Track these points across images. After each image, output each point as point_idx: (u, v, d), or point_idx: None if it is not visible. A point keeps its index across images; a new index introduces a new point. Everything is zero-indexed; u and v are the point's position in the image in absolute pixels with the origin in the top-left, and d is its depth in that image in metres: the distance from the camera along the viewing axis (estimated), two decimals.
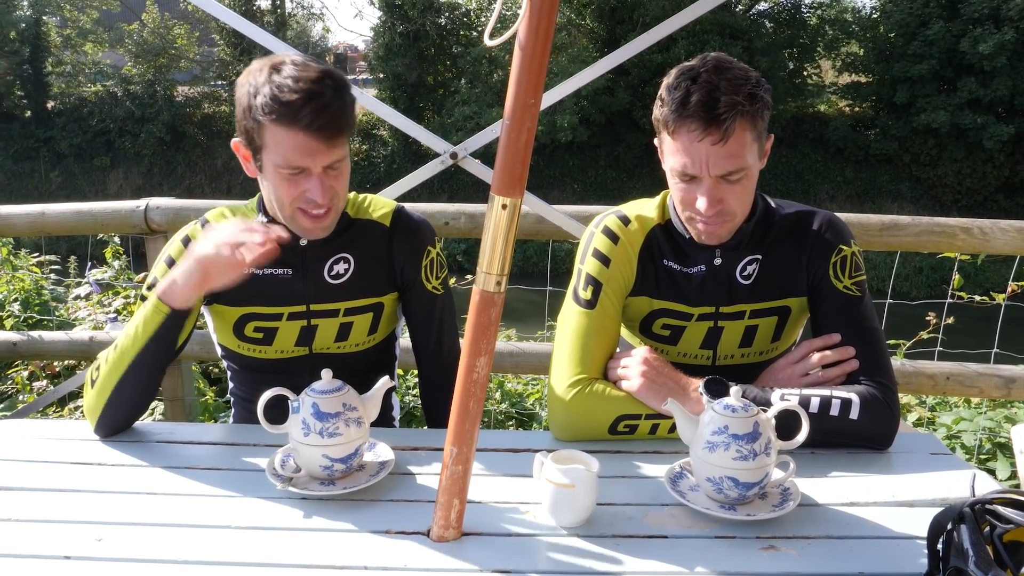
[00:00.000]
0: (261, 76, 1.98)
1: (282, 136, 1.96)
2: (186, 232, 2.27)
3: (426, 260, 2.37)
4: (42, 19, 32.56)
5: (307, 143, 1.97)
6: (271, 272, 2.23)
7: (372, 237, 2.32)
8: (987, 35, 24.93)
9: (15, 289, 5.55)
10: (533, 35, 1.38)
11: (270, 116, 1.95)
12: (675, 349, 2.32)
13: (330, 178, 2.06)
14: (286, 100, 1.93)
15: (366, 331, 2.36)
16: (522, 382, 5.23)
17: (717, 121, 1.93)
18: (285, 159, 1.99)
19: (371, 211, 2.35)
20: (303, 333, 2.30)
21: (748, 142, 1.99)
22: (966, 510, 1.35)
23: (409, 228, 2.36)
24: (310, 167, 2.01)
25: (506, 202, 1.48)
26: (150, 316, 2.02)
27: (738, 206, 2.08)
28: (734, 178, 2.01)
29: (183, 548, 1.62)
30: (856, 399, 2.00)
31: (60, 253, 7.03)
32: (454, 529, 1.65)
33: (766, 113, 2.03)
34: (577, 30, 30.75)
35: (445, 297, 2.44)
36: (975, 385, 3.81)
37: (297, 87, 1.93)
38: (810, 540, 1.66)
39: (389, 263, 2.34)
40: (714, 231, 2.12)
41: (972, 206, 26.64)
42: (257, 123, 1.98)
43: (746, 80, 1.97)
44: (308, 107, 1.93)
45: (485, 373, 1.58)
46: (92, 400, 2.09)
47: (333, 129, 1.99)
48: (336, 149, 2.03)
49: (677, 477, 1.86)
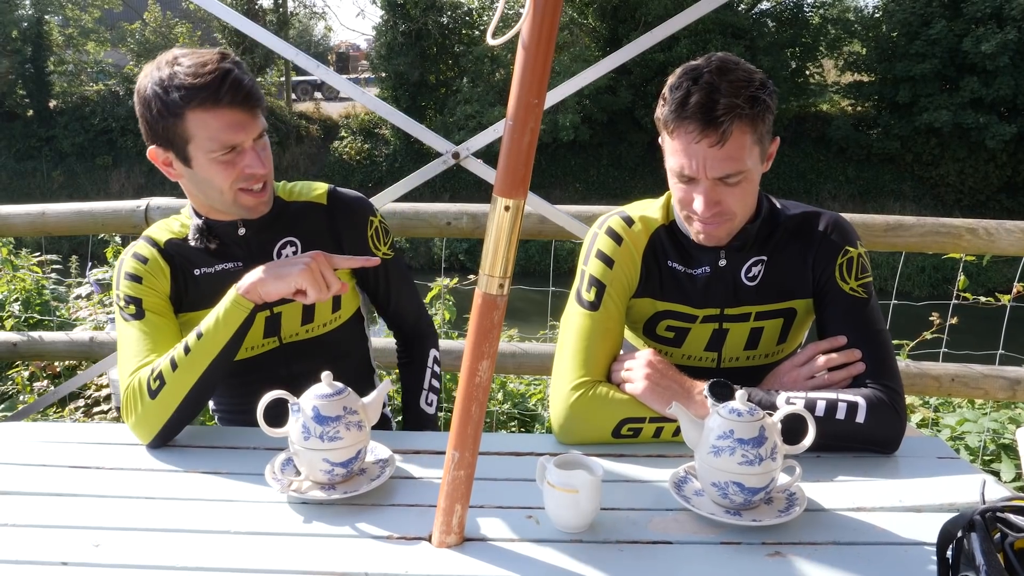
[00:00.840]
0: (164, 72, 2.01)
1: (208, 119, 2.00)
2: (134, 249, 2.26)
3: (371, 231, 2.41)
4: (44, 18, 32.53)
5: (235, 117, 2.01)
6: (221, 268, 2.25)
7: (312, 217, 2.34)
8: (990, 34, 24.92)
9: (16, 289, 5.54)
10: (536, 34, 1.36)
11: (192, 103, 1.98)
12: (679, 351, 2.30)
13: (260, 149, 2.10)
14: (203, 84, 1.97)
15: (329, 309, 2.37)
16: (524, 382, 5.21)
17: (715, 123, 1.91)
18: (218, 140, 2.02)
19: (304, 194, 2.37)
20: (269, 323, 2.30)
21: (747, 145, 1.97)
22: (976, 518, 1.33)
23: (346, 203, 2.40)
24: (243, 141, 2.05)
25: (509, 203, 1.46)
26: (232, 312, 2.04)
27: (737, 208, 2.06)
28: (732, 181, 1.99)
29: (181, 554, 1.60)
30: (862, 402, 1.98)
31: (62, 252, 7.03)
32: (456, 535, 1.64)
33: (769, 116, 2.01)
34: (579, 29, 30.77)
35: (397, 259, 2.49)
36: (980, 386, 3.79)
37: (206, 70, 1.98)
38: (816, 546, 1.64)
39: (335, 239, 2.35)
40: (711, 232, 2.10)
41: (975, 205, 26.64)
42: (177, 116, 2.00)
43: (749, 82, 1.95)
44: (225, 84, 1.98)
45: (487, 377, 1.56)
46: (153, 410, 2.04)
47: (253, 100, 2.05)
48: (259, 120, 2.09)
49: (681, 482, 1.85)
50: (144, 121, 2.07)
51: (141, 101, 2.05)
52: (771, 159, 2.11)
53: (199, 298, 2.24)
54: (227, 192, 2.10)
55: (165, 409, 2.03)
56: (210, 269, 2.25)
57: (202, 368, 2.03)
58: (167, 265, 2.24)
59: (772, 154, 2.11)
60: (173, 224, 2.31)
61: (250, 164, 2.06)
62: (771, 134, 2.07)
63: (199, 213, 2.24)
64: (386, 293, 2.50)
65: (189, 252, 2.26)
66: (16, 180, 29.44)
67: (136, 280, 2.19)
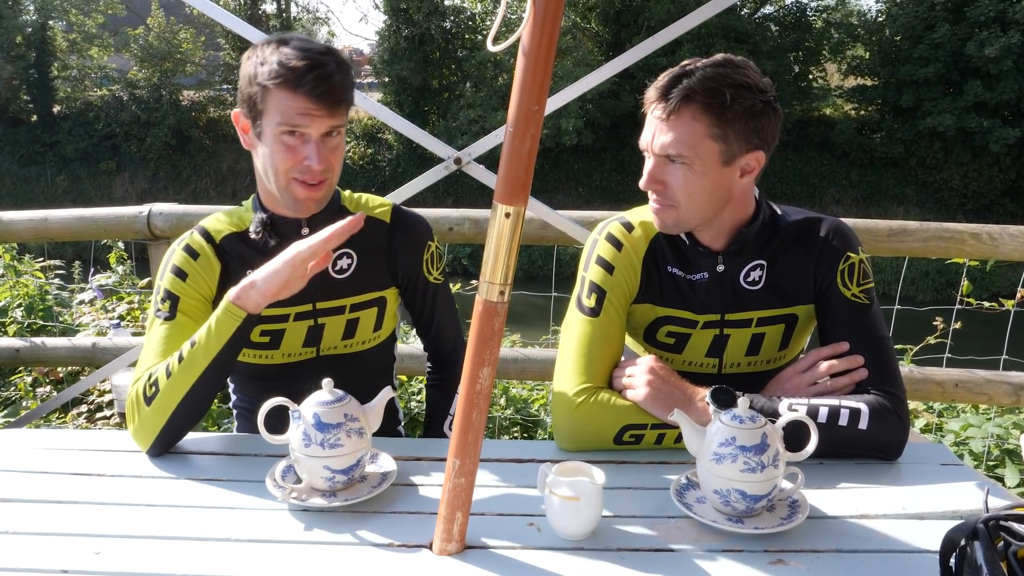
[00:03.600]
0: (268, 48, 2.06)
1: (285, 99, 2.02)
2: (186, 241, 2.24)
3: (427, 255, 2.43)
4: (48, 23, 32.65)
5: (308, 106, 2.02)
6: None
7: (373, 232, 2.33)
8: (993, 38, 24.90)
9: (19, 295, 5.55)
10: (537, 41, 1.35)
11: (275, 80, 2.01)
12: (680, 357, 2.30)
13: (327, 148, 2.10)
14: (292, 66, 2.00)
15: (371, 327, 2.37)
16: (527, 388, 5.21)
17: (666, 97, 2.02)
18: (286, 118, 2.03)
19: (368, 207, 2.39)
20: (310, 333, 2.30)
21: (699, 134, 2.01)
22: (980, 526, 1.33)
23: (408, 225, 2.42)
24: (309, 131, 2.05)
25: (509, 210, 1.45)
26: (224, 321, 2.01)
27: (681, 196, 2.07)
28: (676, 162, 2.04)
29: (182, 561, 1.60)
30: (865, 409, 1.98)
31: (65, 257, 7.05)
32: (457, 542, 1.63)
33: (740, 123, 2.01)
34: (582, 33, 30.77)
35: (445, 285, 2.53)
36: (984, 392, 3.79)
37: (303, 56, 2.02)
38: (819, 554, 1.63)
39: (390, 258, 2.38)
40: (659, 214, 2.15)
41: (978, 209, 26.63)
42: (262, 88, 2.04)
43: (727, 80, 1.99)
44: (312, 74, 2.00)
45: (488, 384, 1.55)
46: (149, 418, 2.03)
47: (333, 97, 2.05)
48: (335, 117, 2.08)
49: (684, 488, 1.84)
50: (240, 82, 2.13)
51: (245, 61, 2.10)
52: (750, 174, 2.11)
53: None
54: (282, 176, 2.11)
55: (159, 417, 2.01)
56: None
57: (194, 377, 2.00)
58: (219, 263, 2.23)
59: (752, 169, 2.11)
60: (233, 216, 2.30)
61: (309, 156, 2.07)
62: (751, 145, 2.06)
63: (265, 207, 2.25)
64: (430, 317, 2.51)
65: (245, 250, 2.24)
66: (20, 185, 29.54)
67: (181, 276, 2.18)
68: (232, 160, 30.06)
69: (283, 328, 2.27)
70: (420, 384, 4.98)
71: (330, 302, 2.30)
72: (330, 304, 2.30)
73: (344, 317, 2.32)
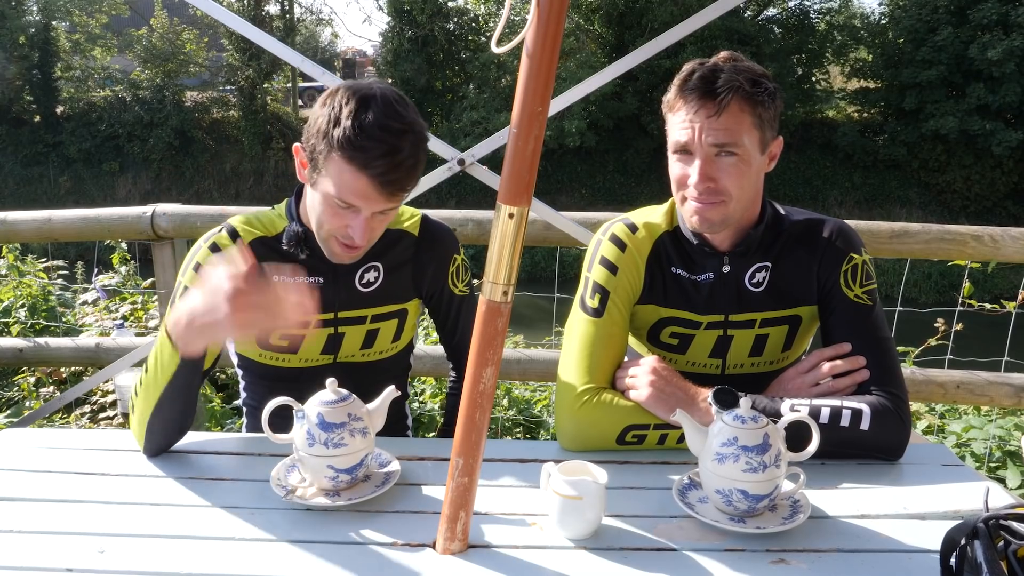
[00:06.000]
0: (348, 107, 1.91)
1: (347, 173, 1.93)
2: (213, 239, 2.22)
3: (452, 268, 2.42)
4: (51, 24, 32.61)
5: (368, 191, 1.94)
6: (300, 281, 2.21)
7: (401, 245, 2.34)
8: (996, 41, 24.89)
9: (22, 295, 5.56)
10: (541, 42, 1.36)
11: (342, 151, 1.90)
12: (683, 358, 2.30)
13: (375, 221, 2.06)
14: (363, 145, 1.89)
15: (391, 338, 2.37)
16: (530, 388, 5.22)
17: (713, 94, 1.99)
18: (341, 193, 1.96)
19: (400, 219, 2.36)
20: (330, 341, 2.30)
21: (746, 124, 2.01)
22: (980, 525, 1.33)
23: (436, 238, 2.39)
24: (361, 209, 1.99)
25: (513, 211, 1.46)
26: (167, 363, 1.91)
27: (732, 188, 2.06)
28: (727, 152, 2.02)
29: (186, 560, 1.60)
30: (867, 409, 1.98)
31: (69, 258, 7.06)
32: (460, 542, 1.64)
33: (771, 108, 2.05)
34: (586, 35, 30.76)
35: (471, 297, 2.48)
36: (986, 393, 3.79)
37: (379, 135, 1.89)
38: (820, 553, 1.64)
39: (416, 271, 2.37)
40: (704, 213, 2.09)
41: (981, 212, 26.61)
42: (328, 148, 1.93)
43: (751, 70, 2.03)
44: (383, 160, 1.90)
45: (491, 384, 1.56)
46: (134, 426, 2.04)
47: (398, 186, 1.97)
48: (392, 202, 2.01)
49: (686, 488, 1.84)
50: (310, 121, 2.00)
51: (321, 105, 1.98)
52: (774, 160, 2.13)
53: None
54: (324, 232, 2.07)
55: (140, 427, 2.02)
56: (289, 279, 2.18)
57: (153, 402, 1.96)
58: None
59: (775, 154, 2.13)
60: (264, 219, 2.27)
61: (354, 227, 2.01)
62: (775, 132, 2.09)
63: (301, 220, 2.21)
64: (453, 327, 2.50)
65: (272, 256, 2.21)
66: (23, 186, 29.52)
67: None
68: (235, 161, 30.04)
69: (303, 334, 2.26)
70: (423, 385, 4.99)
71: (352, 312, 2.29)
72: (352, 314, 2.29)
73: (365, 327, 2.31)
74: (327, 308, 2.25)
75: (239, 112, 30.61)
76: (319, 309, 2.22)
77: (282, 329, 1.72)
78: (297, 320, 1.72)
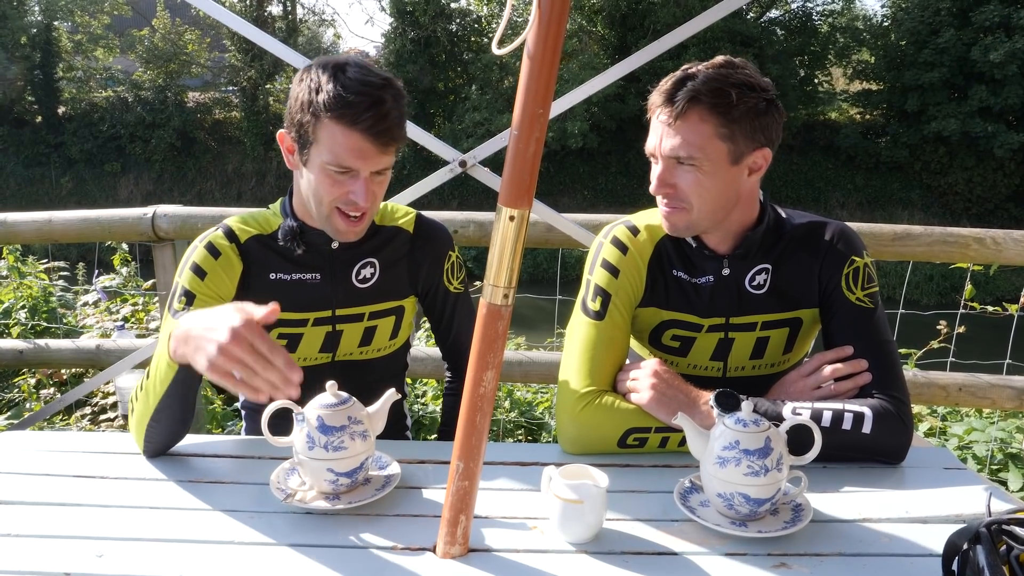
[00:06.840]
0: (325, 73, 1.98)
1: (339, 134, 1.98)
2: (209, 239, 2.21)
3: (447, 264, 2.46)
4: (53, 24, 32.63)
5: (362, 145, 1.98)
6: (300, 277, 2.24)
7: (397, 243, 2.36)
8: (998, 43, 24.90)
9: (23, 296, 5.56)
10: (542, 44, 1.35)
11: (331, 113, 1.95)
12: (685, 361, 2.30)
13: (374, 183, 2.08)
14: (350, 100, 1.94)
15: (388, 335, 2.39)
16: (531, 391, 5.21)
17: (671, 101, 2.02)
18: (337, 157, 1.99)
19: (392, 217, 2.40)
20: (328, 339, 2.31)
21: (706, 135, 2.01)
22: (982, 530, 1.33)
23: (430, 235, 2.43)
24: (359, 169, 2.02)
25: (514, 213, 1.45)
26: (164, 372, 1.92)
27: (692, 197, 2.07)
28: (686, 162, 2.03)
29: (185, 564, 1.60)
30: (869, 413, 1.97)
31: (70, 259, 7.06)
32: (460, 545, 1.63)
33: (750, 120, 2.02)
34: (588, 36, 30.76)
35: (466, 294, 2.53)
36: (987, 396, 3.79)
37: (362, 90, 1.95)
38: (822, 557, 1.63)
39: (411, 268, 2.40)
40: (669, 218, 2.14)
41: (983, 214, 26.62)
42: (315, 118, 1.98)
43: (726, 80, 2.01)
44: (371, 112, 1.95)
45: (492, 387, 1.55)
46: (133, 428, 2.05)
47: (389, 136, 2.01)
48: (387, 156, 2.05)
49: (687, 492, 1.84)
50: (290, 103, 2.06)
51: (298, 83, 2.04)
52: (757, 172, 2.12)
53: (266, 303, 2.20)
54: (325, 206, 2.09)
55: (139, 430, 2.02)
56: (287, 276, 2.23)
57: (152, 407, 1.97)
58: (240, 263, 2.21)
59: (760, 167, 2.12)
60: (259, 218, 2.28)
61: (355, 192, 2.04)
62: (758, 143, 2.07)
63: (295, 215, 2.23)
64: (448, 326, 2.52)
65: (269, 253, 2.23)
66: (25, 186, 29.54)
67: (199, 274, 2.15)
68: (237, 162, 30.06)
69: (301, 332, 2.28)
70: (424, 387, 4.98)
71: (349, 309, 2.31)
72: (349, 311, 2.31)
73: (362, 324, 2.33)
74: (324, 305, 2.27)
75: (241, 113, 30.65)
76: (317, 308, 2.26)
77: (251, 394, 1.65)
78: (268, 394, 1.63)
